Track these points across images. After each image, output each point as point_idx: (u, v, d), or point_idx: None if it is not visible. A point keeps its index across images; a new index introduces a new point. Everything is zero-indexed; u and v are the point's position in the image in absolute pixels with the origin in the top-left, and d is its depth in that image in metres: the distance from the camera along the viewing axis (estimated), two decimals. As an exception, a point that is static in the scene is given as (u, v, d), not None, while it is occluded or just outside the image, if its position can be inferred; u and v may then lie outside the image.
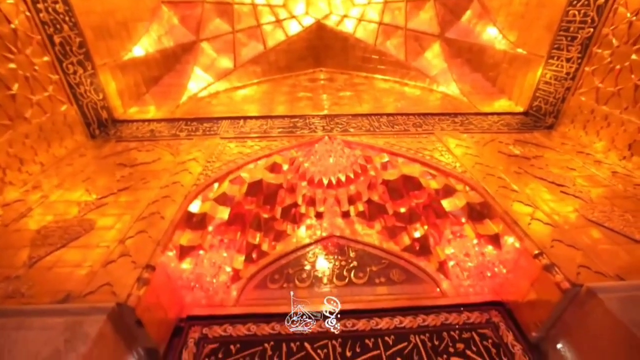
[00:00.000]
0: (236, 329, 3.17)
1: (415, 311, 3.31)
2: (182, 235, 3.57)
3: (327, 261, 4.15)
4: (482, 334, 3.12)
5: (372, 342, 3.04)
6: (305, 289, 3.87)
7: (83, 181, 4.27)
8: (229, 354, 2.96)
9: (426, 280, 3.92)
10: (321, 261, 4.15)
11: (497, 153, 4.82)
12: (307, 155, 5.08)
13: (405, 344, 3.03)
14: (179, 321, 3.30)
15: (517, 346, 3.02)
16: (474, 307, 3.38)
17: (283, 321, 3.22)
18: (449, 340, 3.05)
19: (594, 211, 3.54)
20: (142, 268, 2.84)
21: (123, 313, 2.55)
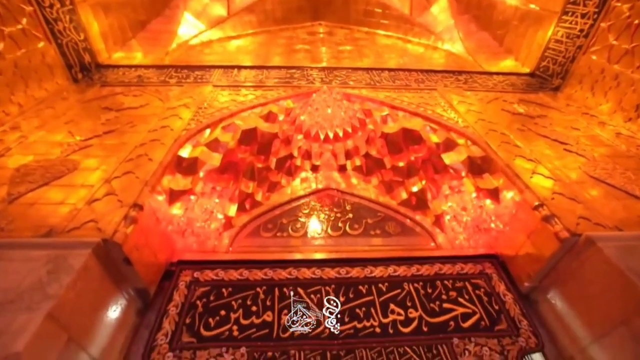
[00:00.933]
0: (228, 273, 3.12)
1: (410, 261, 3.29)
2: (172, 180, 3.42)
3: (322, 212, 4.08)
4: (475, 284, 3.13)
5: (366, 289, 3.03)
6: (299, 238, 3.82)
7: (65, 123, 4.02)
8: (221, 296, 2.93)
9: (422, 234, 3.89)
10: (316, 212, 4.07)
11: (501, 111, 4.66)
12: (304, 107, 4.85)
13: (399, 290, 3.03)
14: (169, 265, 3.24)
15: (508, 295, 3.04)
16: (468, 259, 3.38)
17: (276, 268, 3.17)
18: (442, 289, 3.06)
19: (595, 168, 3.47)
20: (129, 207, 2.71)
21: (109, 249, 2.45)
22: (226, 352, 2.53)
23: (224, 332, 2.66)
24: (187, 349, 2.55)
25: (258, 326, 2.71)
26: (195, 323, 2.73)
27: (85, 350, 2.24)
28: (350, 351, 2.57)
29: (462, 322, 2.80)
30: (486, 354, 2.60)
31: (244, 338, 2.63)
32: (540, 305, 3.03)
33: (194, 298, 2.92)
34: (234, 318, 2.76)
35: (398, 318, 2.80)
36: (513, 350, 2.64)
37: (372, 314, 2.83)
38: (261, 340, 2.61)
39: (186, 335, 2.65)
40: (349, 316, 2.81)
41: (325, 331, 2.70)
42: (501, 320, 2.84)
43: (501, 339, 2.71)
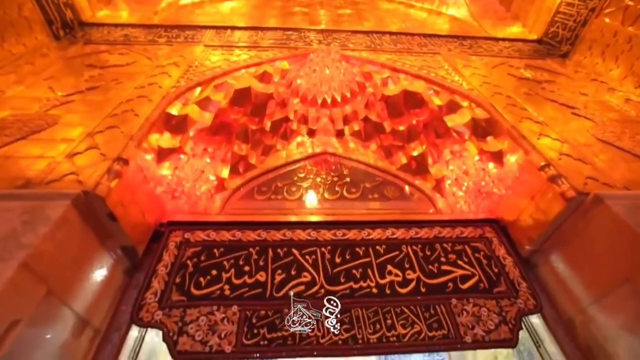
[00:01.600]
0: (220, 234, 3.01)
1: (409, 224, 3.19)
2: (161, 138, 3.24)
3: (318, 176, 3.94)
4: (475, 247, 3.05)
5: (363, 251, 2.93)
6: (294, 201, 3.69)
7: (45, 79, 3.77)
8: (212, 256, 2.82)
9: (421, 199, 3.78)
10: (312, 176, 3.93)
11: (507, 76, 4.46)
12: (300, 70, 4.60)
13: (397, 252, 2.93)
14: (159, 226, 3.11)
15: (508, 259, 2.97)
16: (468, 223, 3.28)
17: (270, 229, 3.06)
18: (441, 251, 2.98)
19: (604, 132, 3.33)
20: (113, 160, 2.55)
21: (91, 203, 2.30)
22: (217, 310, 2.45)
23: (215, 291, 2.57)
24: (177, 307, 2.46)
25: (251, 285, 2.62)
26: (186, 282, 2.63)
27: (68, 306, 2.14)
28: (346, 310, 2.49)
29: (460, 284, 2.73)
30: (484, 315, 2.54)
31: (236, 297, 2.54)
32: (540, 268, 2.96)
33: (184, 258, 2.81)
34: (226, 277, 2.66)
35: (396, 279, 2.72)
36: (511, 312, 2.58)
37: (369, 275, 2.74)
38: (254, 299, 2.53)
39: (176, 294, 2.56)
40: (345, 277, 2.72)
41: (320, 291, 2.62)
42: (500, 283, 2.78)
43: (500, 301, 2.65)
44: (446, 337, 2.38)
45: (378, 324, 2.42)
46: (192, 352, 2.21)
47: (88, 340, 2.33)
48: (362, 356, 2.25)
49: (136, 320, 2.40)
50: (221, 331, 2.33)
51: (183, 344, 2.25)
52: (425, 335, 2.38)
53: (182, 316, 2.41)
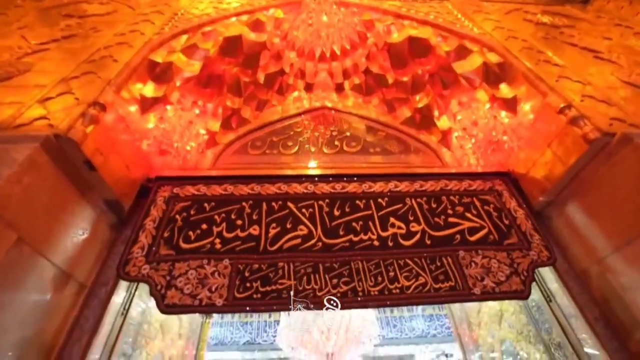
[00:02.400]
0: (211, 189, 2.81)
1: (413, 177, 2.98)
2: (144, 88, 2.98)
3: (316, 131, 3.69)
4: (484, 200, 2.84)
5: (364, 204, 2.74)
6: (290, 155, 3.47)
7: (19, 29, 3.47)
8: (202, 210, 2.64)
9: (426, 153, 3.55)
10: (310, 130, 3.68)
11: (522, 21, 4.08)
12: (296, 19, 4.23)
13: (400, 205, 2.74)
14: (146, 181, 2.91)
15: (520, 211, 2.77)
16: (477, 175, 3.06)
17: (264, 183, 2.86)
18: (448, 204, 2.78)
19: (630, 74, 3.03)
20: (88, 104, 2.32)
21: (65, 148, 2.10)
22: (207, 264, 2.30)
23: (205, 245, 2.41)
24: (165, 261, 2.31)
25: (243, 239, 2.45)
26: (174, 236, 2.47)
27: (45, 256, 1.98)
28: (346, 263, 2.33)
29: (468, 236, 2.55)
30: (494, 266, 2.37)
31: (228, 250, 2.38)
32: (554, 221, 2.77)
33: (173, 213, 2.63)
34: (217, 231, 2.49)
35: (399, 231, 2.54)
36: (523, 264, 2.41)
37: (370, 227, 2.57)
38: (246, 253, 2.37)
39: (164, 248, 2.40)
40: (344, 229, 2.55)
41: (317, 244, 2.45)
42: (511, 235, 2.59)
43: (511, 253, 2.47)
44: (453, 288, 2.23)
45: (380, 277, 2.27)
46: (181, 306, 2.08)
47: (72, 294, 2.21)
48: (362, 308, 2.09)
49: (122, 274, 2.25)
50: (212, 285, 2.18)
51: (171, 297, 2.12)
52: (430, 287, 2.22)
53: (171, 270, 2.26)
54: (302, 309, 2.04)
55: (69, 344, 2.09)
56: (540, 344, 2.70)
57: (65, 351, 2.06)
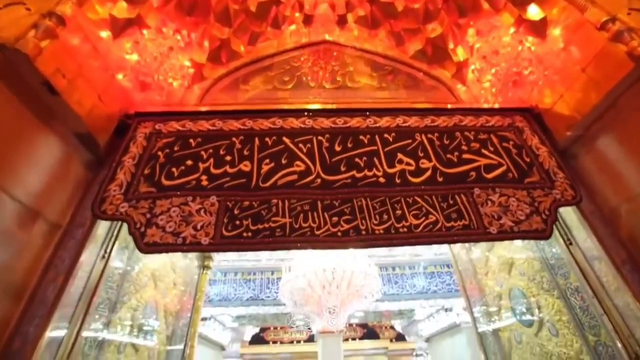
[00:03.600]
0: (198, 124, 2.51)
1: (424, 112, 2.65)
2: (114, 7, 2.57)
3: (316, 66, 3.31)
4: (503, 136, 2.54)
5: (368, 139, 2.44)
6: (287, 91, 3.12)
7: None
8: (188, 146, 2.36)
9: (438, 88, 3.18)
10: (309, 65, 3.30)
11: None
12: (292, -60, 3.66)
13: (409, 141, 2.44)
14: (125, 117, 2.61)
15: (543, 148, 2.47)
16: (495, 111, 2.73)
17: (257, 118, 2.55)
18: (462, 140, 2.48)
19: (683, -12, 2.56)
20: (42, 15, 1.94)
21: (15, 64, 1.78)
22: (192, 201, 2.05)
23: (190, 182, 2.15)
24: (145, 199, 2.07)
25: (232, 175, 2.19)
26: (156, 173, 2.21)
27: (4, 189, 1.73)
28: (347, 201, 2.09)
29: (485, 173, 2.28)
30: (513, 205, 2.12)
31: (215, 187, 2.13)
32: (580, 159, 2.48)
33: (155, 149, 2.36)
34: (204, 167, 2.23)
35: (407, 168, 2.27)
36: (545, 202, 2.16)
37: (374, 163, 2.29)
38: (236, 190, 2.12)
39: (144, 185, 2.15)
40: (346, 166, 2.27)
41: (316, 181, 2.19)
42: (533, 173, 2.31)
43: (531, 191, 2.21)
44: (467, 227, 1.99)
45: (385, 215, 2.03)
46: (162, 244, 1.86)
47: (43, 234, 1.99)
48: (366, 248, 1.87)
49: (97, 212, 2.02)
50: (197, 222, 1.96)
51: (152, 235, 1.90)
52: (442, 226, 1.99)
53: (151, 208, 2.02)
54: (297, 248, 1.82)
55: (42, 285, 1.91)
56: (555, 289, 2.53)
57: (39, 291, 1.88)
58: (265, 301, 8.56)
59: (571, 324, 2.40)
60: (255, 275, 8.92)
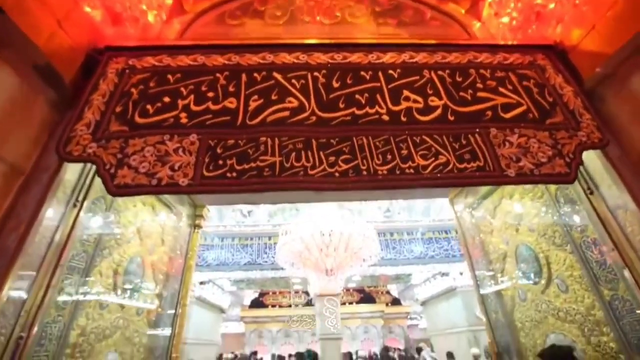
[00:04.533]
0: (177, 59, 2.21)
1: (433, 47, 2.34)
2: None
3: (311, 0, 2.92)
4: (522, 75, 2.25)
5: (370, 75, 2.15)
6: (279, 26, 2.77)
7: None
8: (165, 82, 2.07)
9: (450, 25, 2.83)
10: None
11: None
12: None
13: (417, 77, 2.16)
14: (94, 52, 2.28)
15: (567, 88, 2.19)
16: (514, 48, 2.42)
17: (244, 52, 2.24)
18: (477, 77, 2.19)
19: None
20: None
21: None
22: (169, 139, 1.80)
23: (168, 119, 1.89)
24: (117, 138, 1.82)
25: (216, 112, 1.93)
26: (128, 111, 1.94)
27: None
28: (346, 139, 1.84)
29: (502, 113, 2.02)
30: (534, 147, 1.88)
31: (196, 125, 1.87)
32: (609, 100, 2.21)
33: (128, 86, 2.07)
34: (183, 104, 1.96)
35: (415, 105, 2.00)
36: (569, 145, 1.92)
37: (377, 100, 2.02)
38: (219, 127, 1.86)
39: (115, 124, 1.88)
40: (345, 102, 2.00)
41: (310, 118, 1.93)
42: (555, 113, 2.05)
43: (554, 132, 1.96)
44: (482, 169, 1.76)
45: (389, 154, 1.79)
46: (135, 186, 1.63)
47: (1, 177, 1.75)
48: (366, 190, 1.65)
49: (63, 154, 1.78)
50: (174, 162, 1.71)
51: (123, 176, 1.66)
52: (453, 167, 1.76)
53: (123, 147, 1.77)
54: (289, 189, 1.60)
55: (3, 233, 1.70)
56: (568, 244, 2.35)
57: (-1, 240, 1.67)
58: (263, 266, 8.58)
59: (584, 279, 2.25)
60: (252, 241, 8.88)
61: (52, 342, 1.80)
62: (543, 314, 2.60)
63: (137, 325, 2.62)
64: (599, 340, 2.14)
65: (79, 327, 2.03)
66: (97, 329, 2.18)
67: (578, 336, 2.29)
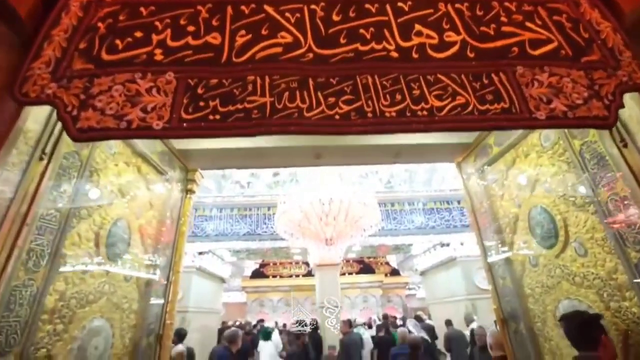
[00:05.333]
0: (151, -9, 1.88)
1: (450, -23, 2.00)
2: None
3: None
4: (553, 9, 1.94)
5: (376, 8, 1.84)
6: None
7: None
8: (137, 16, 1.77)
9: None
10: None
11: None
12: None
13: (430, 11, 1.85)
14: (54, -17, 1.96)
15: (605, 24, 1.89)
16: (544, -22, 2.08)
17: (230, -17, 1.91)
18: (501, 11, 1.88)
19: None
20: None
21: None
22: (142, 77, 1.54)
23: (140, 56, 1.61)
24: (80, 77, 1.55)
25: (196, 48, 1.65)
26: (94, 47, 1.66)
27: None
28: (348, 78, 1.57)
29: (530, 49, 1.74)
30: (567, 87, 1.61)
31: (173, 62, 1.60)
32: (652, 39, 1.91)
33: (95, 20, 1.77)
34: (158, 40, 1.67)
35: (428, 41, 1.72)
36: (608, 85, 1.65)
37: (384, 35, 1.73)
38: (201, 65, 1.59)
39: (79, 61, 1.61)
40: (347, 37, 1.71)
41: (307, 55, 1.65)
42: (592, 51, 1.77)
43: (590, 72, 1.69)
44: (507, 111, 1.51)
45: (399, 95, 1.53)
46: (100, 129, 1.39)
47: (-54, 121, 1.51)
48: (372, 134, 1.41)
49: (18, 96, 1.53)
50: (146, 104, 1.46)
51: (87, 119, 1.42)
52: (474, 109, 1.50)
53: (87, 87, 1.51)
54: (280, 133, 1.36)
55: (-46, 185, 1.49)
56: (591, 204, 2.14)
57: (-53, 194, 1.46)
58: (262, 236, 8.51)
59: (607, 241, 2.06)
60: (251, 211, 8.76)
61: (24, 307, 1.63)
62: (556, 279, 2.45)
63: (126, 291, 2.48)
64: (620, 305, 1.98)
65: (57, 292, 1.86)
66: (79, 294, 2.02)
67: (595, 302, 2.13)
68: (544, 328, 2.56)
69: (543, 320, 2.57)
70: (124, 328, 2.41)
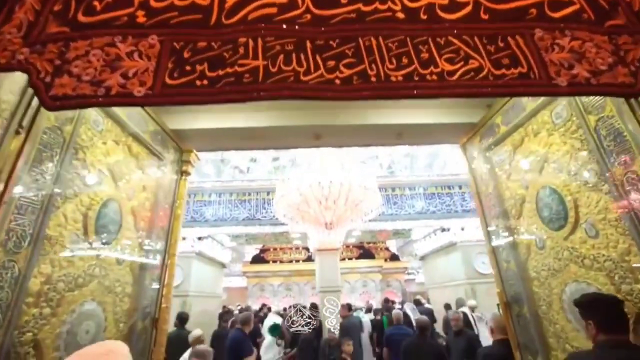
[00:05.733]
0: (133, -51, 1.70)
1: None
2: None
3: None
4: (574, -32, 1.76)
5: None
6: None
7: None
8: (118, -26, 1.60)
9: None
10: None
11: None
12: None
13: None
14: (29, -59, 1.78)
15: (630, -15, 1.72)
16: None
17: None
18: (517, -30, 1.70)
19: None
20: None
21: None
22: (122, 41, 1.39)
23: (120, 17, 1.46)
24: (55, 42, 1.41)
25: (183, 9, 1.49)
26: (70, 9, 1.50)
27: None
28: (350, 40, 1.43)
29: (550, 11, 1.58)
30: (590, 52, 1.47)
31: (157, 24, 1.45)
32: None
33: (71, -20, 1.60)
34: (139, 1, 1.51)
35: (437, 1, 1.56)
36: (634, 51, 1.50)
37: (390, -6, 1.57)
38: (187, 27, 1.44)
39: (53, 24, 1.46)
40: (347, -4, 1.56)
41: (304, 16, 1.50)
42: (617, 14, 1.61)
43: (615, 37, 1.54)
44: (525, 76, 1.38)
45: (405, 58, 1.39)
46: (76, 97, 1.26)
47: None
48: (375, 99, 1.28)
49: (-12, 61, 1.37)
50: (127, 69, 1.32)
51: (61, 85, 1.28)
52: (488, 73, 1.37)
53: (63, 52, 1.37)
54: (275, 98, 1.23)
55: None
56: (605, 183, 2.03)
57: None
58: (262, 221, 8.45)
59: (621, 222, 1.95)
60: (250, 196, 8.67)
61: (5, 290, 1.54)
62: (564, 262, 2.36)
63: (119, 275, 2.40)
64: (632, 288, 1.89)
65: (42, 275, 1.77)
66: (67, 277, 1.93)
67: (605, 284, 2.05)
68: (549, 311, 2.49)
69: (548, 304, 2.50)
70: (117, 312, 2.33)
